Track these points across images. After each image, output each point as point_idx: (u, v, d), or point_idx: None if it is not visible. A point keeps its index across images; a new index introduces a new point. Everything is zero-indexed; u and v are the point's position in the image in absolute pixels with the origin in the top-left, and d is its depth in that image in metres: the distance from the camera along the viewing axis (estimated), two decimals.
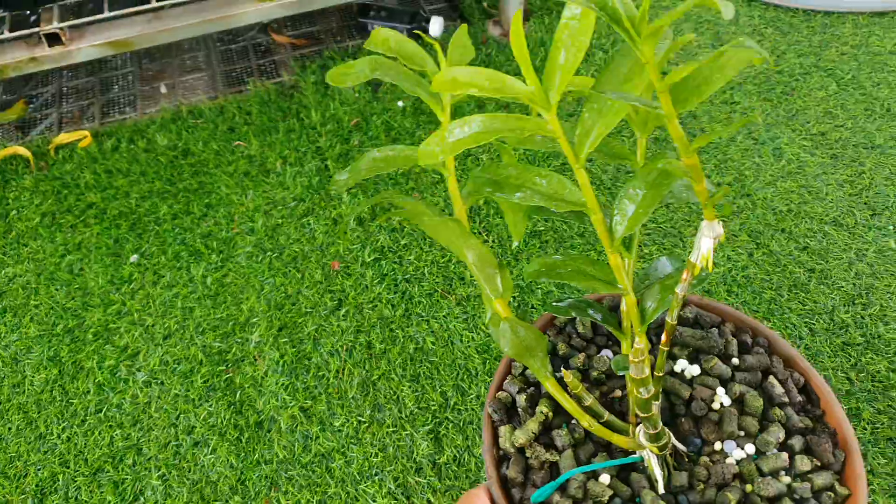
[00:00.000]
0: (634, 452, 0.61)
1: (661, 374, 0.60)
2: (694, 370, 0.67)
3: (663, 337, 0.59)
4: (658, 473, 0.60)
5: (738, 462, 0.61)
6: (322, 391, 0.87)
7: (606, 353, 0.68)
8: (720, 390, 0.66)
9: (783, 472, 0.61)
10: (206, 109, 1.28)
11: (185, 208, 1.11)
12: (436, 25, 1.35)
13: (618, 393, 0.66)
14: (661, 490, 0.60)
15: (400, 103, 1.24)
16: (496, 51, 1.35)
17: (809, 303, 0.94)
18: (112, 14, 1.15)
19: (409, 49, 0.52)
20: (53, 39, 1.12)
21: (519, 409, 0.65)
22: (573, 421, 0.63)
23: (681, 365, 0.68)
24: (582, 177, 0.49)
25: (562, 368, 0.59)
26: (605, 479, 0.60)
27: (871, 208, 1.05)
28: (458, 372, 0.88)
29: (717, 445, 0.62)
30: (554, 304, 0.63)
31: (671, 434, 0.61)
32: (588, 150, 0.49)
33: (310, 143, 1.19)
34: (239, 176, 1.15)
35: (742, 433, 0.63)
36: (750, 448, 0.62)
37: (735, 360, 0.68)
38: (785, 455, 0.61)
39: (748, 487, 0.59)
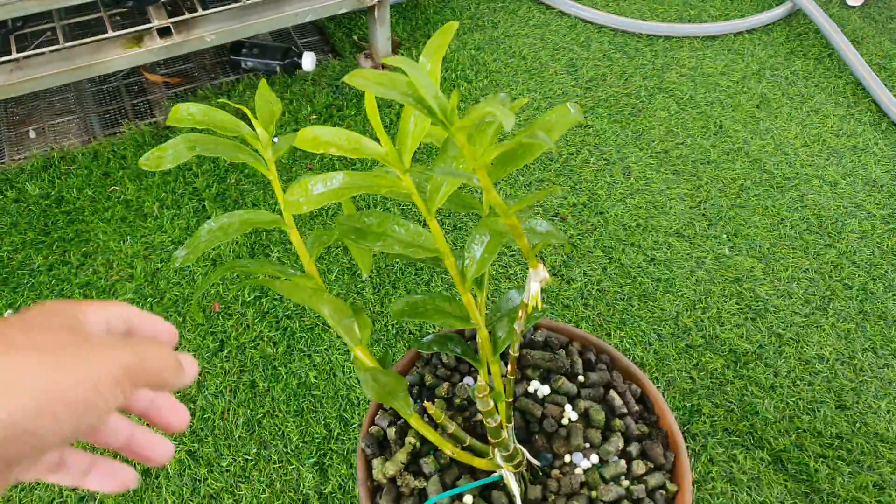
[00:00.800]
0: (494, 472, 0.68)
1: (510, 401, 0.67)
2: (545, 390, 0.75)
3: (508, 367, 0.67)
4: (515, 490, 0.67)
5: (584, 472, 0.69)
6: (209, 433, 0.90)
7: (468, 380, 0.75)
8: (568, 407, 0.74)
9: (622, 477, 0.69)
10: (78, 154, 1.26)
11: (62, 258, 1.10)
12: (308, 60, 1.39)
13: (479, 416, 0.73)
14: None
15: (276, 139, 1.27)
16: None
17: (657, 310, 1.05)
18: None
19: (217, 118, 0.56)
20: None
21: (390, 441, 0.71)
22: (437, 449, 0.70)
23: (534, 386, 0.75)
24: (434, 227, 0.55)
25: (425, 402, 0.65)
26: (468, 499, 0.67)
27: (708, 219, 1.18)
28: (340, 403, 0.92)
29: (567, 458, 0.70)
30: (418, 340, 0.69)
31: (525, 452, 0.69)
32: (437, 204, 0.55)
33: (186, 184, 1.21)
34: (116, 222, 1.15)
35: (588, 445, 0.71)
36: (594, 458, 0.70)
37: (581, 378, 0.77)
38: (623, 462, 0.69)
39: (593, 494, 0.68)
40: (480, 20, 1.58)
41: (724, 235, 1.15)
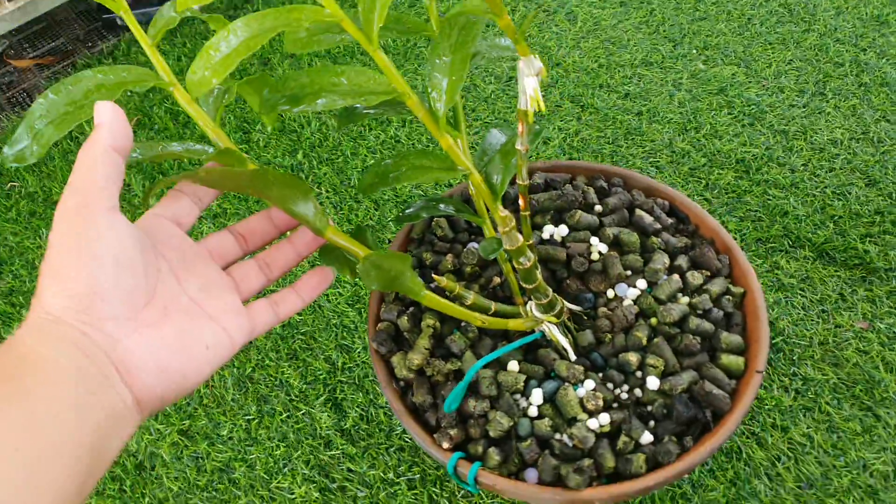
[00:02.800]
0: (533, 331, 0.57)
1: (530, 242, 0.55)
2: (562, 231, 0.64)
3: (520, 202, 0.55)
4: (563, 341, 0.56)
5: (635, 301, 0.58)
6: (197, 405, 0.77)
7: (472, 245, 0.63)
8: (593, 240, 0.63)
9: (680, 294, 0.59)
10: None
11: None
12: None
13: (496, 280, 0.61)
14: (573, 356, 0.56)
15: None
16: (262, 4, 1.25)
17: (647, 143, 0.94)
18: None
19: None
20: None
21: (404, 333, 0.59)
22: (463, 324, 0.58)
23: (548, 231, 0.64)
24: (380, 59, 0.42)
25: (433, 276, 0.53)
26: (513, 366, 0.55)
27: (671, 40, 1.07)
28: (335, 332, 0.80)
29: (610, 293, 0.59)
30: (403, 213, 0.57)
31: (562, 299, 0.57)
32: (378, 26, 0.42)
33: None
34: (24, 219, 0.99)
35: (629, 272, 0.60)
36: (641, 283, 0.59)
37: (598, 207, 0.65)
38: (676, 277, 0.59)
39: (653, 321, 0.57)
40: None
41: (694, 51, 1.05)
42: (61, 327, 0.30)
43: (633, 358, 0.54)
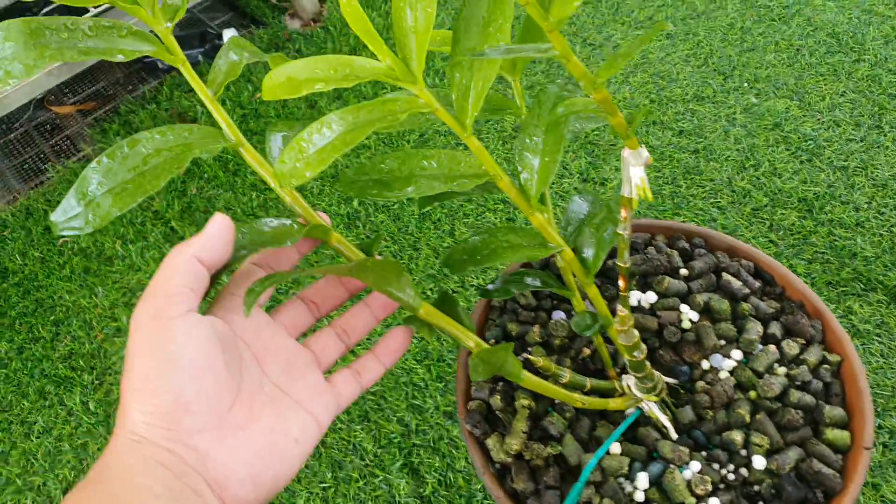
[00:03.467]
0: (629, 409, 0.56)
1: (631, 322, 0.55)
2: (650, 297, 0.62)
3: (621, 283, 0.54)
4: (664, 419, 0.55)
5: (731, 373, 0.57)
6: None
7: (558, 315, 0.62)
8: (683, 307, 0.61)
9: (777, 364, 0.58)
10: (8, 216, 1.09)
11: (30, 336, 0.94)
12: (229, 37, 1.22)
13: (586, 352, 0.61)
14: (674, 435, 0.55)
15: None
16: (304, 44, 1.24)
17: (707, 182, 0.93)
18: None
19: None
20: None
21: (496, 412, 0.58)
22: (557, 402, 0.57)
23: (635, 297, 0.63)
24: (474, 144, 0.41)
25: (525, 354, 0.53)
26: (616, 448, 0.54)
27: (721, 73, 1.06)
28: (405, 391, 0.79)
29: (705, 364, 0.58)
30: (488, 288, 0.56)
31: (660, 374, 0.57)
32: (473, 113, 0.41)
33: (144, 211, 1.05)
34: (79, 277, 0.99)
35: (723, 342, 0.59)
36: (737, 354, 0.58)
37: (683, 271, 0.64)
38: (772, 347, 0.57)
39: (751, 394, 0.56)
40: None
41: (745, 84, 1.03)
42: (148, 447, 0.30)
43: (737, 437, 0.53)
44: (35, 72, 0.35)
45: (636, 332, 0.48)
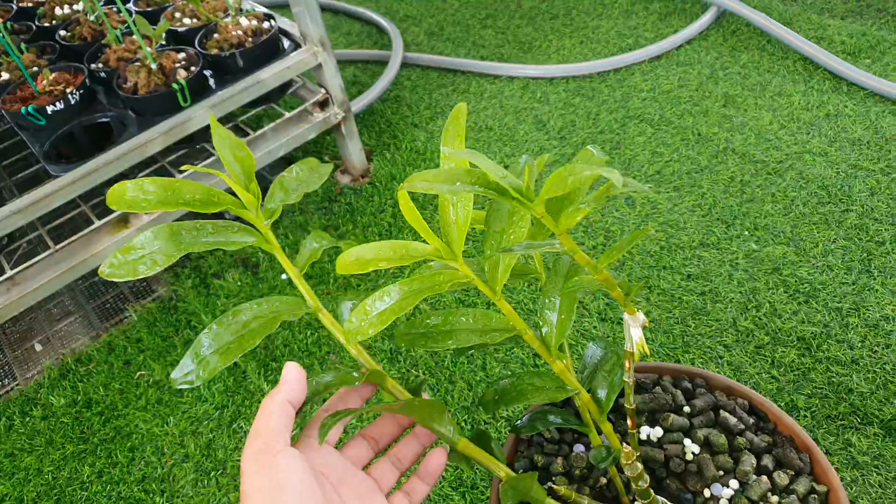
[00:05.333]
0: None
1: (639, 454, 0.64)
2: (657, 432, 0.72)
3: (629, 422, 0.64)
4: None
5: (729, 501, 0.66)
6: None
7: (579, 448, 0.72)
8: (686, 441, 0.71)
9: (769, 493, 0.66)
10: (93, 352, 1.23)
11: (109, 461, 1.05)
12: None
13: (603, 480, 0.70)
14: None
15: (284, 276, 1.27)
16: (354, 197, 1.41)
17: (713, 322, 1.04)
18: None
19: (184, 189, 0.48)
20: None
21: None
22: None
23: (644, 431, 0.73)
24: (504, 306, 0.54)
25: (551, 485, 0.62)
26: None
27: (724, 222, 1.19)
28: None
29: (707, 493, 0.67)
30: (516, 425, 0.67)
31: (666, 501, 0.65)
32: (502, 282, 0.54)
33: None
34: (153, 406, 1.11)
35: (721, 472, 0.68)
36: (734, 483, 0.67)
37: (686, 409, 0.74)
38: (764, 478, 0.66)
39: None
40: (438, 107, 1.62)
41: (746, 232, 1.16)
42: None
43: None
44: (172, 260, 0.49)
45: (640, 465, 0.58)
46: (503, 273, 0.56)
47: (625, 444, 0.58)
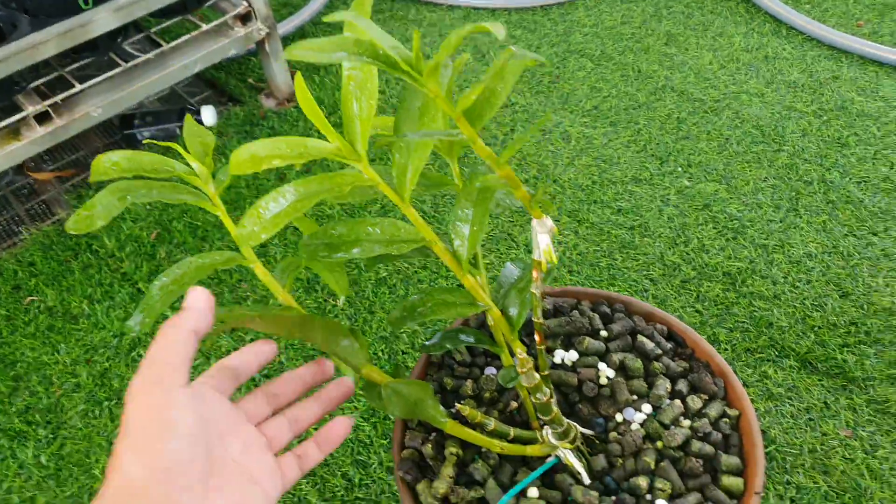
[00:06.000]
0: (550, 456, 0.61)
1: (546, 373, 0.60)
2: (572, 356, 0.69)
3: (536, 337, 0.60)
4: (578, 466, 0.60)
5: (641, 424, 0.63)
6: None
7: (490, 371, 0.68)
8: (601, 365, 0.68)
9: (682, 417, 0.63)
10: None
11: None
12: (207, 114, 1.30)
13: (514, 405, 0.66)
14: (587, 480, 0.60)
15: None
16: (278, 122, 1.33)
17: (641, 256, 1.01)
18: None
19: (146, 161, 0.48)
20: None
21: (429, 461, 0.63)
22: (483, 450, 0.62)
23: (559, 355, 0.69)
24: (411, 214, 0.48)
25: (456, 404, 0.58)
26: (533, 492, 0.59)
27: (658, 158, 1.16)
28: (351, 447, 0.83)
29: (619, 417, 0.64)
30: (425, 343, 0.62)
31: (576, 425, 0.62)
32: (410, 188, 0.48)
33: (112, 272, 1.09)
34: (42, 334, 1.03)
35: (635, 397, 0.65)
36: (647, 407, 0.64)
37: (603, 333, 0.71)
38: (678, 401, 0.64)
39: (659, 444, 0.61)
40: None
41: (679, 169, 1.13)
42: (141, 499, 0.34)
43: (642, 482, 0.58)
44: (116, 212, 0.46)
45: (537, 375, 0.54)
46: (412, 177, 0.50)
47: (519, 351, 0.53)
